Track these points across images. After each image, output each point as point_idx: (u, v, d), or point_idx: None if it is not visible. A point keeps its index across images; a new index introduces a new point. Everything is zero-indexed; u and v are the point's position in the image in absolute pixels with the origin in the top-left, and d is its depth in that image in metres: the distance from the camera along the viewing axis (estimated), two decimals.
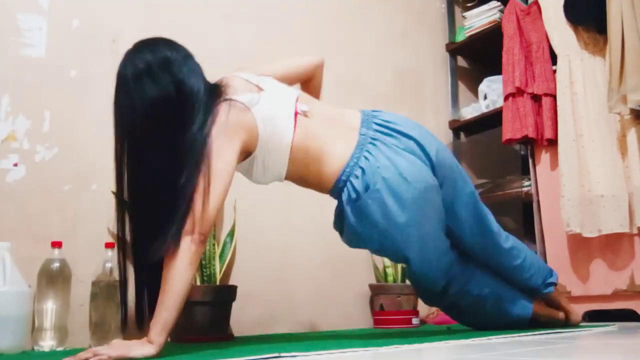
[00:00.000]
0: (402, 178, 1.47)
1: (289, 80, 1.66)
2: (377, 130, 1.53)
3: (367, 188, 1.46)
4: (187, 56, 1.39)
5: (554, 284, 1.81)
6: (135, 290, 1.37)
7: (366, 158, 1.48)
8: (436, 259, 1.60)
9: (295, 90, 1.58)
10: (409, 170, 1.49)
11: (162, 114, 1.31)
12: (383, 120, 1.56)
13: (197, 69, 1.40)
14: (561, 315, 1.82)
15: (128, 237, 1.36)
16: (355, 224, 1.51)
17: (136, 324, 1.36)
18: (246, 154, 1.44)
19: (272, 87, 1.51)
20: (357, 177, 1.47)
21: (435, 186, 1.56)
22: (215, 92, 1.41)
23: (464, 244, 1.69)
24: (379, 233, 1.51)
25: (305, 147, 1.48)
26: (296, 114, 1.48)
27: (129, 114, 1.32)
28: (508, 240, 1.73)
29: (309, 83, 1.76)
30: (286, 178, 1.54)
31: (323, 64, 1.76)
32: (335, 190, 1.53)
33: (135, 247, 1.35)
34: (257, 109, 1.41)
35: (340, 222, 1.57)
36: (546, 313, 1.80)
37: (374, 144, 1.50)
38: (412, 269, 1.60)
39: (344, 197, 1.51)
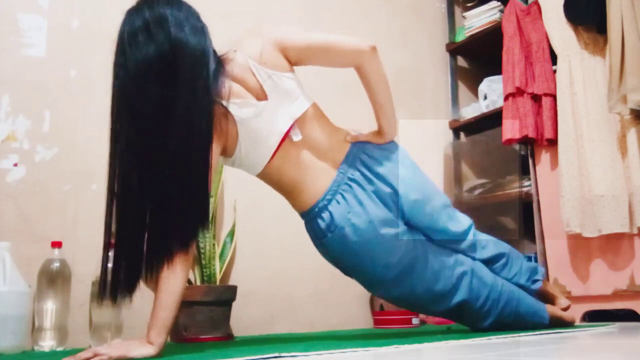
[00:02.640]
0: (371, 225, 1.44)
1: (321, 65, 1.49)
2: (358, 170, 1.47)
3: (332, 231, 1.45)
4: (190, 13, 1.30)
5: (540, 280, 1.81)
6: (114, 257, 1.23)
7: (338, 202, 1.44)
8: (410, 293, 1.57)
9: (302, 106, 1.44)
10: (378, 216, 1.45)
11: (156, 76, 1.21)
12: (370, 158, 1.49)
13: (201, 29, 1.30)
14: (569, 317, 1.84)
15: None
16: (325, 251, 1.53)
17: (98, 294, 1.21)
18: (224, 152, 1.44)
19: (276, 98, 1.40)
20: (323, 220, 1.45)
21: (404, 232, 1.52)
22: (220, 65, 1.34)
23: None
24: (345, 266, 1.54)
25: (279, 174, 1.46)
26: (285, 137, 1.42)
27: (122, 75, 1.22)
28: (486, 249, 1.69)
29: (360, 76, 1.50)
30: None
31: (369, 54, 1.43)
32: (302, 217, 1.54)
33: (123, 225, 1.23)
34: (246, 126, 1.38)
35: (311, 238, 1.55)
36: (556, 315, 1.80)
37: (349, 186, 1.45)
38: (387, 300, 1.65)
39: (310, 230, 1.52)
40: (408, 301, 1.63)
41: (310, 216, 1.48)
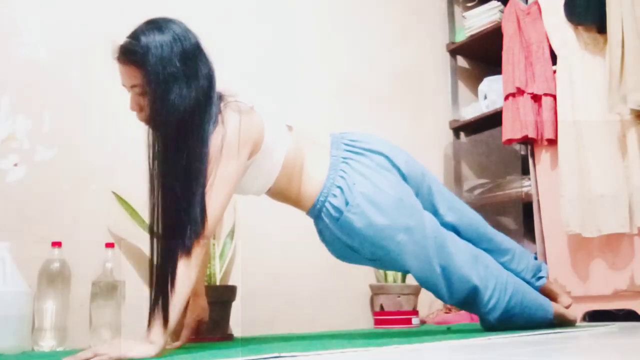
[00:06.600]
0: (379, 189, 1.50)
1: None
2: (346, 150, 1.56)
3: (348, 203, 1.48)
4: None
5: (545, 277, 1.82)
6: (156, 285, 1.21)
7: (342, 177, 1.50)
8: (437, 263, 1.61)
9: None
10: (382, 181, 1.52)
11: (199, 99, 1.29)
12: (351, 140, 1.59)
13: None
14: (572, 316, 1.85)
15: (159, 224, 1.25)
16: (346, 239, 1.53)
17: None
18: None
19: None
20: (335, 196, 1.49)
21: (411, 192, 1.60)
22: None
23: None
24: (370, 244, 1.53)
25: (294, 160, 1.50)
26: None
27: (178, 88, 1.26)
28: (496, 236, 1.76)
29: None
30: (268, 191, 1.54)
31: None
32: (314, 212, 1.54)
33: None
34: (260, 110, 1.42)
35: (328, 240, 1.57)
36: (559, 312, 1.81)
37: (346, 163, 1.52)
38: (416, 277, 1.62)
39: (326, 217, 1.52)
40: (430, 282, 1.63)
41: (320, 202, 1.51)
